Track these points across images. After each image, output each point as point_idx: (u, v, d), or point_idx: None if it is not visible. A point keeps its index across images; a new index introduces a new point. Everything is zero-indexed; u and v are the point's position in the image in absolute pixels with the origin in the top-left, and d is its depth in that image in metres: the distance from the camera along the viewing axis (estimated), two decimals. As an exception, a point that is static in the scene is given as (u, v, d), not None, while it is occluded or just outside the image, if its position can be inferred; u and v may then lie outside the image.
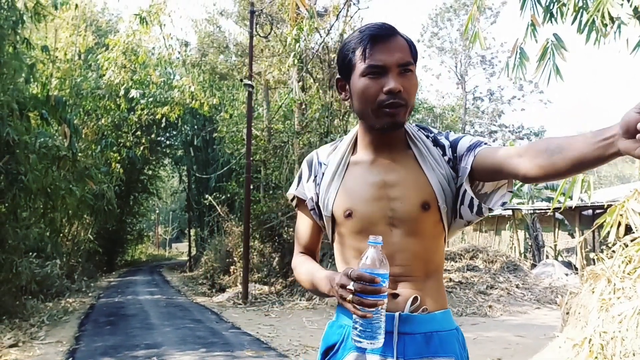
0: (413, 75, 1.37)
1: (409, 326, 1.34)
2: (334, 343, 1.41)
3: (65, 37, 13.70)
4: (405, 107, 1.35)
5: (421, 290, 1.37)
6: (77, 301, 11.87)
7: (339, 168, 1.46)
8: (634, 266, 3.82)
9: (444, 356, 1.34)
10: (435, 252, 1.43)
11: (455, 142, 1.44)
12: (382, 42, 1.35)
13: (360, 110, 1.40)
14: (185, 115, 19.11)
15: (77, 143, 10.18)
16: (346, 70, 1.41)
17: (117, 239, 26.94)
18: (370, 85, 1.34)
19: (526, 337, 7.41)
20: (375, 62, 1.33)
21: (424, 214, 1.37)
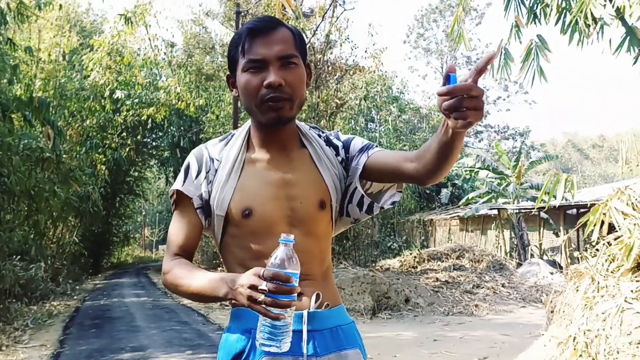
0: (297, 68, 1.35)
1: (316, 323, 1.33)
2: (241, 350, 1.33)
3: (49, 38, 13.56)
4: (289, 100, 1.33)
5: (320, 288, 1.38)
6: (61, 304, 11.74)
7: (235, 165, 1.40)
8: (617, 264, 3.86)
9: (349, 348, 1.37)
10: (327, 251, 1.45)
11: (348, 143, 1.47)
12: (262, 35, 1.32)
13: (246, 106, 1.37)
14: (172, 116, 19.00)
15: (61, 145, 10.08)
16: (232, 67, 1.39)
17: (103, 241, 26.71)
18: (251, 79, 1.32)
19: (512, 335, 7.47)
20: (254, 56, 1.31)
21: (320, 213, 1.39)
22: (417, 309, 9.88)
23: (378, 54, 15.71)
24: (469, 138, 40.97)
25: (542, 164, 22.63)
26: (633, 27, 5.25)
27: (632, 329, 3.31)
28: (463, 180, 23.63)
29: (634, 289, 3.55)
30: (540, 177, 34.66)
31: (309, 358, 1.30)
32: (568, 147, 58.55)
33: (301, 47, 1.38)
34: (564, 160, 51.91)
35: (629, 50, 5.33)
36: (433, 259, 14.14)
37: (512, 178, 17.95)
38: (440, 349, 6.67)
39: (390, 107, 22.14)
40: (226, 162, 1.41)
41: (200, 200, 1.41)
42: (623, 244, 3.80)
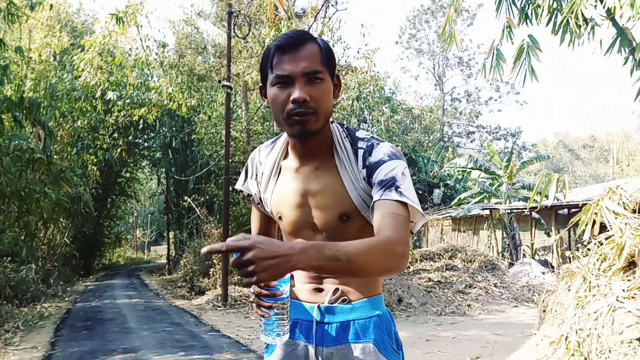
0: (323, 83, 1.40)
1: (327, 316, 1.47)
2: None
3: (40, 38, 13.47)
4: (314, 114, 1.39)
5: (345, 283, 1.49)
6: (52, 306, 11.67)
7: (272, 171, 1.56)
8: (609, 264, 3.88)
9: (361, 342, 1.45)
10: None
11: (374, 168, 1.43)
12: (289, 51, 1.39)
13: (275, 118, 1.46)
14: (163, 116, 18.93)
15: (52, 145, 10.01)
16: (264, 80, 1.47)
17: (94, 243, 26.58)
18: (279, 94, 1.39)
19: (504, 335, 7.49)
20: (281, 72, 1.38)
21: (343, 224, 1.45)
22: (409, 309, 9.89)
23: (370, 54, 15.73)
24: (461, 139, 41.14)
25: (534, 164, 22.74)
26: (624, 27, 5.28)
27: (624, 328, 3.32)
28: (455, 181, 23.72)
29: (626, 288, 3.57)
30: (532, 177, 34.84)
31: (317, 347, 1.47)
32: (559, 147, 58.88)
33: (328, 61, 1.43)
34: (555, 160, 52.20)
35: (620, 50, 5.36)
36: (426, 259, 14.17)
37: (504, 178, 18.02)
38: (433, 349, 6.68)
39: (382, 108, 22.17)
40: (267, 168, 1.58)
41: (257, 197, 1.63)
42: (614, 244, 3.82)
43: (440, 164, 24.70)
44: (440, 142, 32.01)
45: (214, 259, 13.41)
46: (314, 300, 1.50)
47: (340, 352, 1.45)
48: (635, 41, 5.33)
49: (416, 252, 14.77)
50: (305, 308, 1.51)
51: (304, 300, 1.52)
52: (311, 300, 1.50)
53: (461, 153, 31.41)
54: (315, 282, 1.51)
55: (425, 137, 33.30)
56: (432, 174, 24.24)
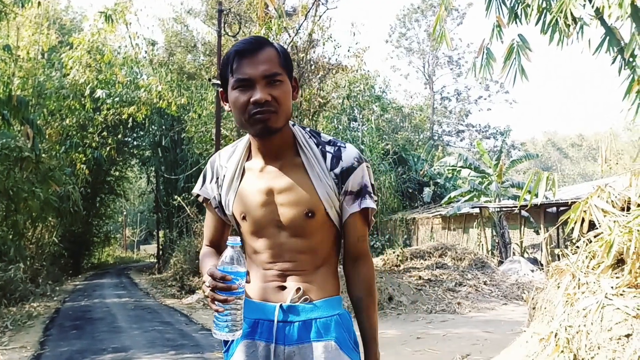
0: (283, 85, 1.46)
1: (290, 315, 1.50)
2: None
3: (28, 36, 13.36)
4: (276, 113, 1.45)
5: (308, 282, 1.53)
6: (41, 305, 11.58)
7: (235, 173, 1.58)
8: (598, 261, 3.91)
9: (323, 340, 1.48)
10: (324, 248, 1.56)
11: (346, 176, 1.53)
12: (248, 56, 1.45)
13: (237, 120, 1.50)
14: (153, 115, 18.83)
15: (40, 144, 9.94)
16: (224, 84, 1.52)
17: (83, 242, 26.41)
18: (240, 97, 1.45)
19: (494, 332, 7.53)
20: (241, 75, 1.44)
21: (308, 220, 1.51)
22: (400, 307, 9.92)
23: (360, 53, 15.74)
24: (451, 137, 41.30)
25: (523, 162, 22.88)
26: (612, 27, 5.32)
27: (613, 324, 3.35)
28: (445, 179, 23.80)
29: (614, 286, 3.60)
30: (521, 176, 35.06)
31: (277, 346, 1.49)
32: (548, 146, 59.24)
33: (286, 64, 1.50)
34: (544, 159, 52.55)
35: (608, 50, 5.40)
36: (416, 257, 14.21)
37: (494, 177, 18.11)
38: (424, 347, 6.71)
39: (372, 106, 22.21)
40: (229, 170, 1.60)
41: (216, 201, 1.64)
42: (603, 241, 3.85)
43: (430, 163, 24.78)
44: (430, 141, 32.11)
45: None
46: (276, 300, 1.52)
47: (302, 350, 1.48)
48: (623, 41, 5.37)
49: (407, 251, 14.82)
50: (267, 308, 1.52)
51: (266, 299, 1.53)
52: (273, 300, 1.52)
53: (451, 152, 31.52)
54: (278, 279, 1.53)
55: (415, 136, 33.41)
56: (422, 172, 24.31)
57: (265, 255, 1.54)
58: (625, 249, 3.64)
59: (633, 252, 3.53)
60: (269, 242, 1.53)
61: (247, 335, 1.52)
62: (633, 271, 3.58)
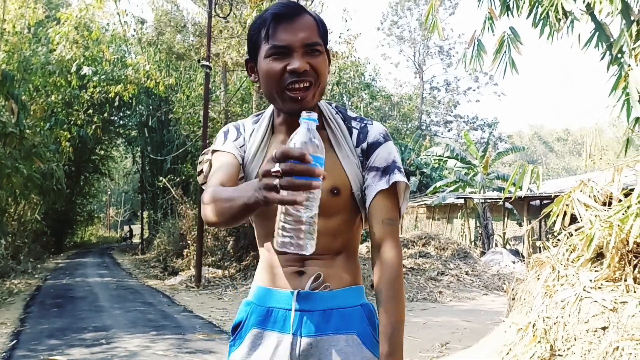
0: (322, 56, 1.33)
1: (308, 304, 1.34)
2: (240, 320, 1.42)
3: (15, 9, 13.10)
4: (313, 87, 1.31)
5: (328, 268, 1.37)
6: (22, 282, 11.51)
7: (261, 146, 1.42)
8: (578, 254, 3.97)
9: (344, 333, 1.34)
10: (346, 231, 1.40)
11: (372, 150, 1.40)
12: (286, 21, 1.29)
13: (267, 93, 1.35)
14: (140, 94, 18.64)
15: (24, 120, 9.81)
16: (254, 52, 1.36)
17: (66, 220, 26.23)
18: (274, 66, 1.29)
19: (474, 322, 7.63)
20: (278, 42, 1.28)
21: (332, 198, 1.35)
22: (382, 294, 10.00)
23: (352, 40, 15.68)
24: (439, 127, 41.43)
25: (509, 155, 23.05)
26: (602, 23, 5.35)
27: (590, 317, 3.41)
28: (431, 169, 23.91)
29: (593, 279, 3.66)
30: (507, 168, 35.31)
31: (294, 337, 1.33)
32: (534, 139, 59.71)
33: (324, 35, 1.36)
34: (529, 152, 52.96)
35: (597, 45, 5.43)
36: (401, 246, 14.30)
37: (480, 168, 18.23)
38: (404, 334, 6.78)
39: (362, 94, 22.18)
40: (254, 142, 1.43)
41: (241, 159, 1.42)
42: (584, 235, 3.91)
43: (417, 152, 24.87)
44: (418, 130, 32.19)
45: (188, 239, 13.35)
46: (293, 286, 1.36)
47: (320, 343, 1.33)
48: (612, 37, 5.40)
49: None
50: (282, 295, 1.36)
51: (280, 286, 1.38)
52: (289, 286, 1.36)
53: (438, 142, 31.66)
54: (296, 264, 1.36)
55: (403, 125, 33.44)
56: (408, 161, 24.38)
57: None
58: (605, 243, 3.70)
59: (613, 246, 3.59)
60: None
61: (259, 324, 1.37)
62: (612, 265, 3.64)
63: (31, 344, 5.99)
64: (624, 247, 3.64)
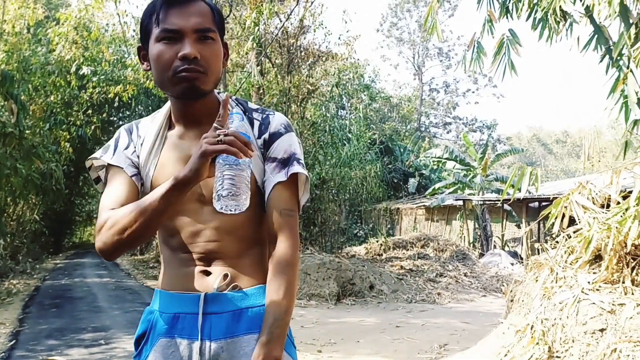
0: (214, 43, 1.29)
1: (217, 306, 1.29)
2: (143, 331, 1.36)
3: (14, 9, 13.10)
4: (204, 74, 1.27)
5: (235, 267, 1.32)
6: (21, 283, 11.51)
7: (156, 143, 1.37)
8: (576, 256, 3.98)
9: (256, 333, 1.27)
10: (253, 227, 1.35)
11: (272, 140, 1.36)
12: (178, 5, 1.27)
13: (158, 78, 1.30)
14: (139, 95, 18.62)
15: (24, 120, 9.81)
16: (145, 38, 1.33)
17: (65, 220, 26.24)
18: (165, 50, 1.26)
19: (472, 323, 7.63)
20: (169, 25, 1.25)
21: None
22: (381, 295, 10.01)
23: (351, 41, 15.69)
24: (438, 129, 41.47)
25: (508, 156, 23.08)
26: (601, 26, 5.37)
27: (588, 319, 3.42)
28: (430, 171, 23.94)
29: (591, 281, 3.67)
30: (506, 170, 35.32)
31: (203, 342, 1.27)
32: (533, 141, 59.72)
33: (219, 23, 1.33)
34: (528, 154, 52.98)
35: (596, 48, 5.45)
36: (398, 247, 14.32)
37: (479, 170, 18.25)
38: (402, 335, 6.79)
39: (361, 95, 22.18)
40: (148, 139, 1.38)
41: (134, 168, 1.37)
42: (582, 237, 3.92)
43: (417, 154, 24.89)
44: (417, 132, 32.22)
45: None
46: (200, 288, 1.29)
47: (230, 345, 1.27)
48: (611, 40, 5.42)
49: (389, 240, 14.91)
50: (188, 298, 1.30)
51: (187, 289, 1.31)
52: (195, 288, 1.30)
53: (437, 143, 31.66)
54: (201, 264, 1.31)
55: (403, 126, 33.47)
56: (407, 163, 24.41)
57: (184, 237, 1.32)
58: (603, 246, 3.71)
59: (611, 248, 3.60)
60: (190, 219, 1.31)
61: (165, 333, 1.30)
62: (610, 267, 3.65)
63: (30, 344, 5.99)
64: (622, 250, 3.65)
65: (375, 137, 22.65)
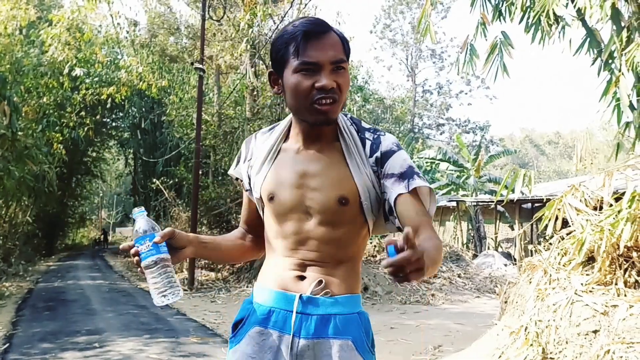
0: (345, 72, 1.40)
1: (309, 307, 1.41)
2: (241, 317, 1.50)
3: (6, 11, 13.03)
4: (337, 103, 1.38)
5: (329, 275, 1.43)
6: (14, 285, 11.45)
7: (270, 153, 1.50)
8: (569, 258, 4.01)
9: (340, 338, 1.39)
10: (350, 242, 1.46)
11: (385, 157, 1.45)
12: (316, 38, 1.36)
13: (294, 105, 1.42)
14: (133, 96, 18.59)
15: (17, 122, 9.77)
16: (279, 65, 1.42)
17: (58, 222, 26.09)
18: (303, 81, 1.36)
19: (466, 325, 7.66)
20: (308, 59, 1.35)
21: (340, 208, 1.41)
22: (375, 297, 10.03)
23: (345, 43, 15.68)
24: (431, 130, 41.56)
25: (501, 158, 23.18)
26: (593, 29, 5.41)
27: (581, 320, 3.45)
28: (424, 172, 23.98)
29: (584, 282, 3.70)
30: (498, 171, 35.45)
31: (293, 337, 1.40)
32: (525, 142, 59.99)
33: (348, 51, 1.43)
34: (521, 155, 53.22)
35: (588, 51, 5.49)
36: (392, 248, 14.33)
37: (472, 171, 18.31)
38: (397, 337, 6.81)
39: (355, 97, 22.21)
40: (264, 150, 1.53)
41: (248, 183, 1.57)
42: (575, 239, 3.95)
43: (410, 155, 24.92)
44: (410, 133, 32.30)
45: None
46: (295, 290, 1.42)
47: (316, 346, 1.39)
48: (603, 43, 5.46)
49: (383, 241, 14.92)
50: (285, 296, 1.43)
51: (283, 288, 1.44)
52: (292, 289, 1.43)
53: (431, 145, 31.73)
54: (298, 269, 1.44)
55: (396, 128, 33.52)
56: (401, 164, 24.43)
57: (287, 242, 1.46)
58: (596, 247, 3.74)
59: (603, 250, 3.63)
60: (294, 228, 1.44)
61: (260, 323, 1.44)
62: (603, 269, 3.69)
63: (24, 348, 5.96)
64: (614, 251, 3.68)
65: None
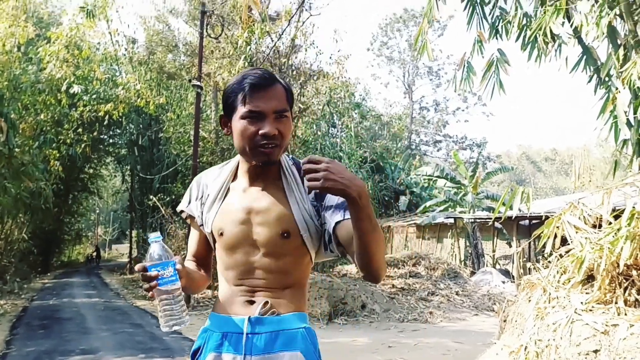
0: (287, 120, 1.56)
1: (257, 327, 1.55)
2: (198, 347, 1.63)
3: (4, 28, 13.08)
4: (279, 147, 1.55)
5: (277, 298, 1.58)
6: (8, 303, 11.34)
7: (220, 192, 1.66)
8: (569, 276, 3.98)
9: (289, 351, 1.53)
10: (294, 269, 1.61)
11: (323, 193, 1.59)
12: (261, 90, 1.53)
13: (240, 147, 1.57)
14: (130, 113, 18.60)
15: (14, 138, 9.75)
16: (229, 110, 1.59)
17: (54, 239, 25.99)
18: (248, 127, 1.53)
19: (464, 343, 7.60)
20: (254, 107, 1.52)
21: (283, 241, 1.57)
22: (372, 315, 9.95)
23: (342, 60, 15.78)
24: (428, 147, 41.65)
25: (498, 175, 23.19)
26: (589, 47, 5.44)
27: (581, 339, 3.41)
28: (421, 189, 23.98)
29: (584, 301, 3.67)
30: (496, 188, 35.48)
31: (246, 357, 1.52)
32: (522, 159, 60.13)
33: (291, 101, 1.60)
34: (518, 172, 53.30)
35: (585, 69, 5.52)
36: (390, 265, 14.27)
37: (469, 188, 18.30)
38: (395, 356, 6.74)
39: (352, 114, 22.26)
40: (214, 189, 1.68)
41: (200, 219, 1.70)
42: (574, 257, 3.92)
43: (407, 172, 24.94)
44: (407, 150, 32.34)
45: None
46: (245, 313, 1.57)
47: None
48: (599, 60, 5.49)
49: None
50: (235, 321, 1.57)
51: (234, 313, 1.59)
52: (241, 313, 1.57)
53: (428, 161, 31.81)
54: (247, 294, 1.59)
55: (393, 144, 33.57)
56: (398, 181, 24.45)
57: (237, 272, 1.61)
58: (596, 266, 3.71)
59: (603, 269, 3.60)
60: (243, 259, 1.60)
61: (215, 349, 1.57)
62: (602, 287, 3.66)
63: (17, 367, 5.88)
64: (614, 270, 3.66)
65: (366, 155, 22.70)
